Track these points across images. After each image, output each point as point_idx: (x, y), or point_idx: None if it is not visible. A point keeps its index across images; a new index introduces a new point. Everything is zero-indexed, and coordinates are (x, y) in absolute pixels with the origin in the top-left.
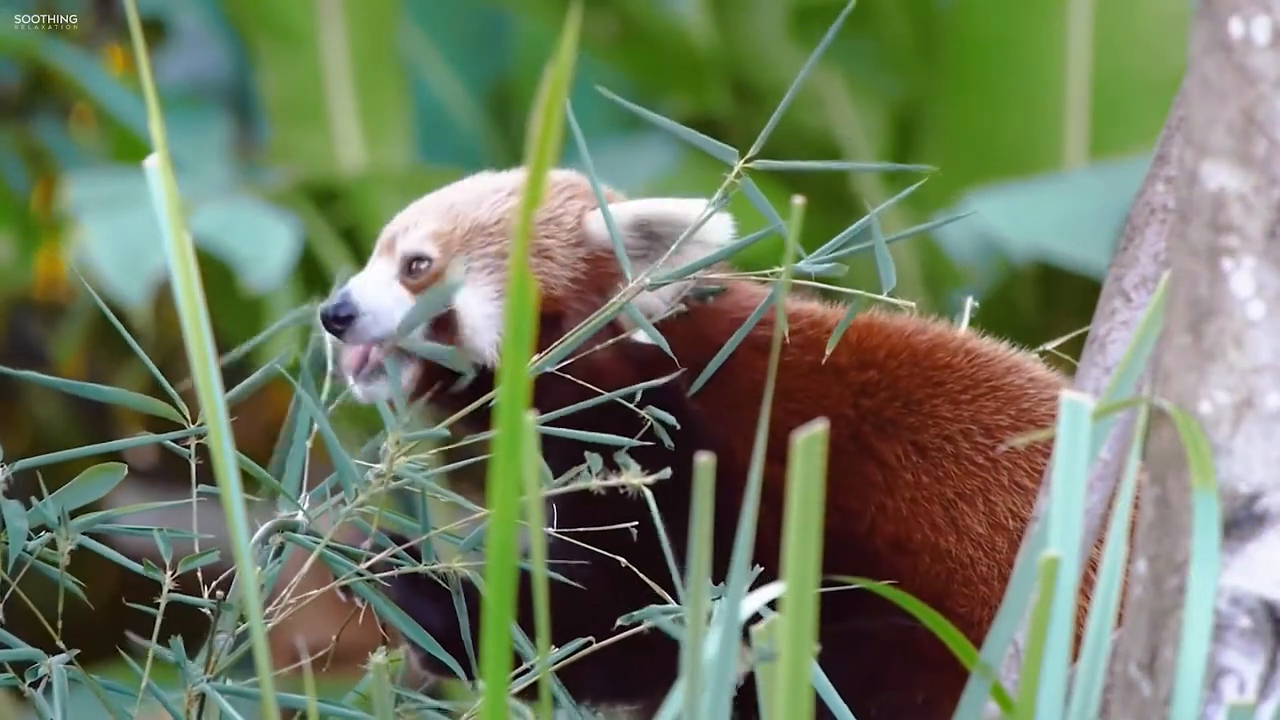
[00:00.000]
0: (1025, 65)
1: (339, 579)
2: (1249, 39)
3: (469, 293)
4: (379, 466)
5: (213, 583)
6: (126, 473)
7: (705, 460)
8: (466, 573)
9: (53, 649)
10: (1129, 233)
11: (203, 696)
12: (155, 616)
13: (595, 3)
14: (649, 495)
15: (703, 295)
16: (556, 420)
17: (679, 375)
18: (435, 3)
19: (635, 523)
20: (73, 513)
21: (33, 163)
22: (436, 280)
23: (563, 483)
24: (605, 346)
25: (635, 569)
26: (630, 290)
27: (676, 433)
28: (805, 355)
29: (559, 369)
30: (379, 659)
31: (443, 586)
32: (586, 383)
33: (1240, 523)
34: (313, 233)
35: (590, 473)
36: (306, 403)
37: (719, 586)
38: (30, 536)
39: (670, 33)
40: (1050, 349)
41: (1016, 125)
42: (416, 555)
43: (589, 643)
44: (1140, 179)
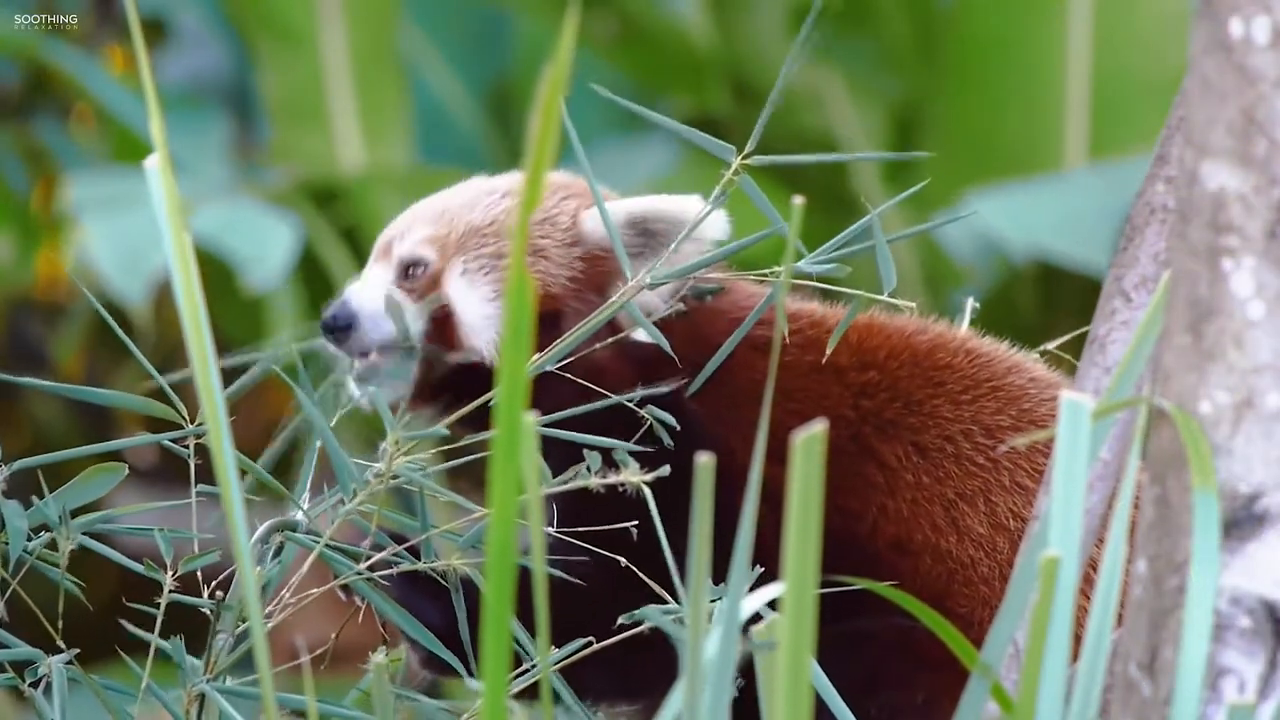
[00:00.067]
0: (1025, 65)
1: (339, 578)
2: (1249, 39)
3: (467, 293)
4: (378, 466)
5: (212, 582)
6: (127, 472)
7: (705, 460)
8: (466, 571)
9: (53, 649)
10: (1129, 233)
11: (202, 696)
12: (155, 616)
13: (595, 3)
14: (648, 494)
15: (701, 295)
16: (556, 419)
17: (680, 376)
18: (435, 3)
19: (635, 522)
20: (73, 512)
21: (33, 163)
22: (434, 284)
23: (561, 481)
24: (604, 345)
25: (635, 568)
26: (630, 289)
27: (676, 432)
28: (805, 355)
29: (558, 368)
30: (379, 658)
31: (442, 585)
32: (586, 381)
33: (1240, 523)
34: (313, 233)
35: (589, 471)
36: (305, 402)
37: (719, 587)
38: (30, 536)
39: (670, 33)
40: (1050, 349)
41: (1016, 125)
42: (416, 554)
43: (590, 642)
44: (1140, 179)
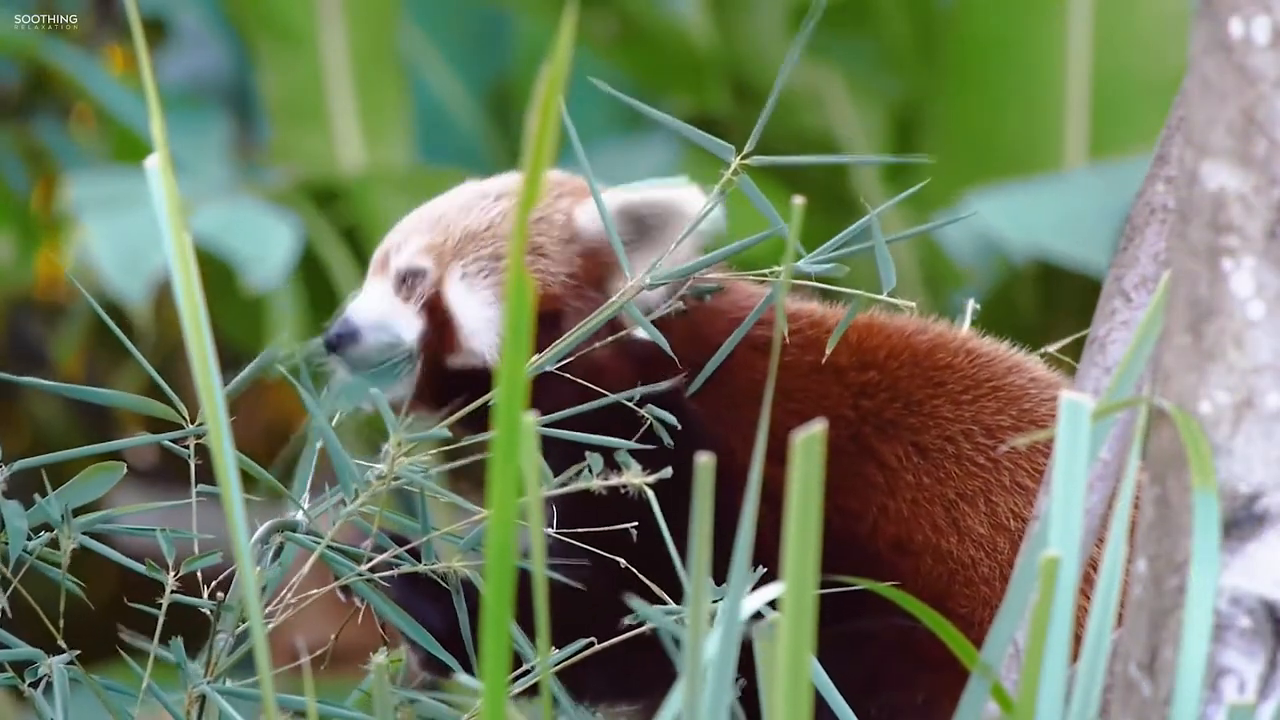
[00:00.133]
0: (1025, 65)
1: (339, 579)
2: (1249, 39)
3: (466, 298)
4: (379, 467)
5: (212, 583)
6: (126, 472)
7: (705, 460)
8: (466, 572)
9: (53, 649)
10: (1129, 233)
11: (203, 697)
12: (156, 617)
13: (595, 2)
14: (650, 495)
15: (701, 294)
16: (556, 419)
17: (679, 376)
18: (435, 3)
19: (635, 523)
20: (73, 512)
21: (33, 163)
22: (435, 292)
23: (562, 482)
24: (604, 344)
25: (635, 569)
26: (629, 290)
27: (676, 432)
28: (805, 355)
29: (558, 368)
30: (380, 659)
31: (442, 586)
32: (586, 380)
33: (1240, 523)
34: (313, 233)
35: (590, 473)
36: (307, 401)
37: (720, 587)
38: (30, 536)
39: (670, 33)
40: (1050, 351)
41: (1016, 125)
42: (417, 555)
43: (590, 643)
44: (1140, 179)
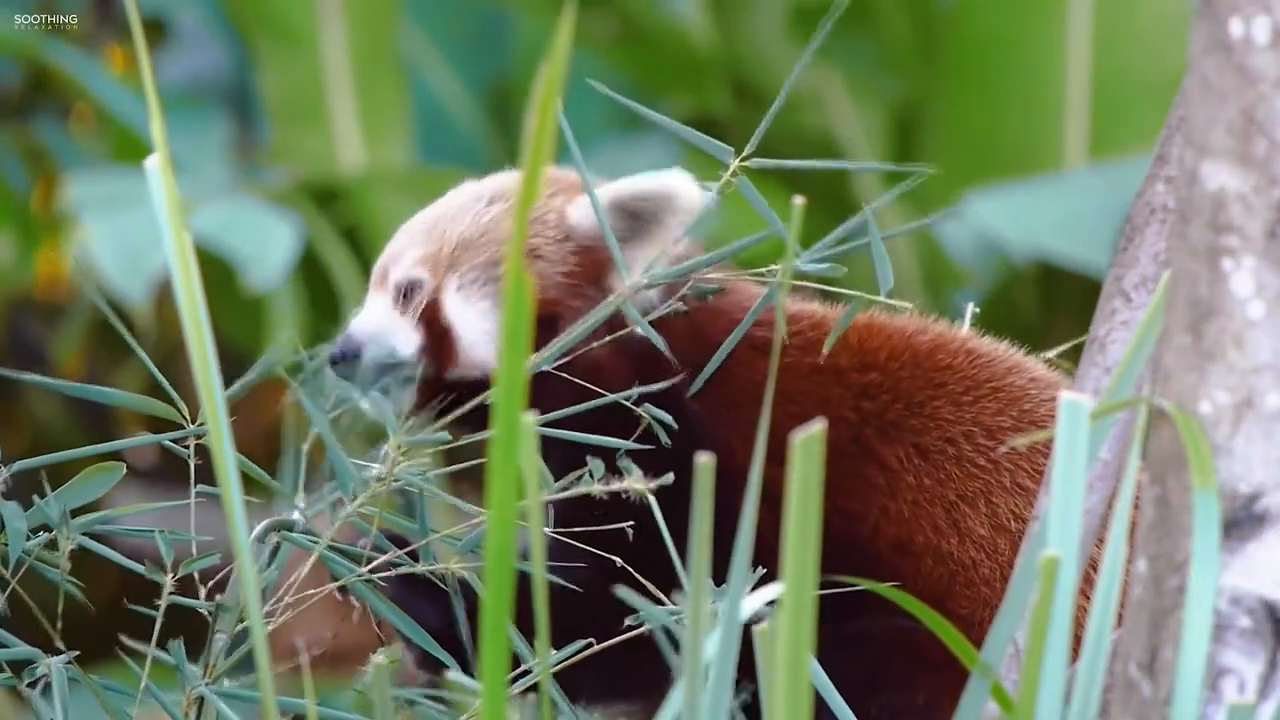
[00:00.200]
0: (1025, 65)
1: (338, 580)
2: (1249, 39)
3: (463, 310)
4: (378, 468)
5: (209, 583)
6: (126, 472)
7: (705, 460)
8: (463, 573)
9: (53, 649)
10: (1129, 233)
11: (201, 699)
12: (155, 618)
13: (595, 3)
14: (650, 497)
15: (703, 295)
16: (555, 418)
17: (679, 376)
18: (435, 3)
19: (633, 524)
20: (73, 512)
21: (33, 163)
22: (432, 303)
23: (562, 486)
24: (603, 344)
25: (633, 569)
26: (627, 289)
27: (676, 433)
28: (806, 357)
29: (557, 367)
30: (380, 659)
31: (439, 586)
32: (585, 379)
33: (1240, 523)
34: (313, 232)
35: (591, 477)
36: (305, 403)
37: (720, 588)
38: (29, 537)
39: (670, 33)
40: (1050, 357)
41: (1016, 125)
42: (415, 556)
43: (588, 644)
44: (1140, 179)
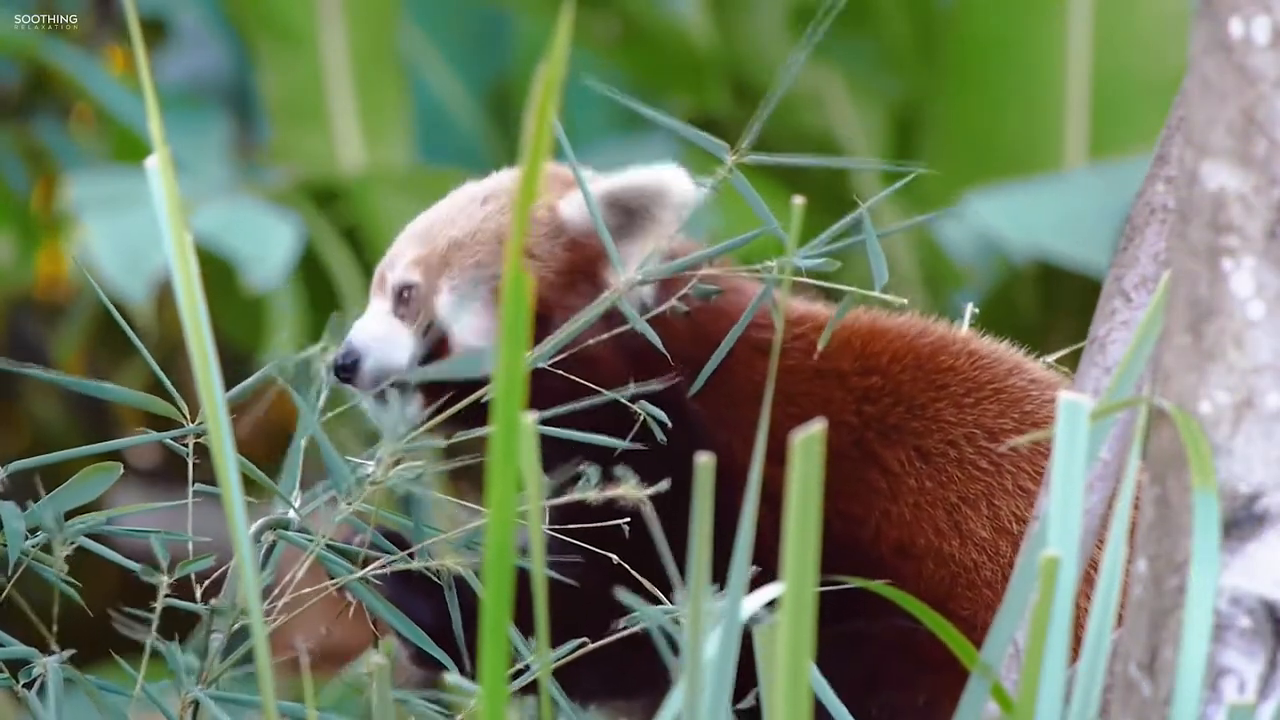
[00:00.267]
0: (1025, 65)
1: (335, 578)
2: (1249, 39)
3: (458, 313)
4: (372, 466)
5: (205, 582)
6: (124, 472)
7: (705, 460)
8: (459, 570)
9: (49, 649)
10: (1129, 233)
11: (196, 701)
12: (151, 619)
13: (595, 3)
14: (645, 504)
15: (705, 295)
16: (551, 416)
17: (679, 376)
18: (435, 3)
19: (631, 522)
20: (72, 512)
21: (33, 163)
22: (425, 305)
23: (561, 488)
24: (600, 340)
25: (632, 568)
26: (621, 286)
27: (676, 433)
28: (808, 360)
29: (553, 362)
30: (379, 659)
31: (435, 582)
32: (582, 375)
33: (1240, 523)
34: (313, 232)
35: (589, 480)
36: (299, 402)
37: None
38: (27, 537)
39: (670, 33)
40: (1049, 362)
41: (1016, 125)
42: (408, 549)
43: (584, 643)
44: (1140, 179)
